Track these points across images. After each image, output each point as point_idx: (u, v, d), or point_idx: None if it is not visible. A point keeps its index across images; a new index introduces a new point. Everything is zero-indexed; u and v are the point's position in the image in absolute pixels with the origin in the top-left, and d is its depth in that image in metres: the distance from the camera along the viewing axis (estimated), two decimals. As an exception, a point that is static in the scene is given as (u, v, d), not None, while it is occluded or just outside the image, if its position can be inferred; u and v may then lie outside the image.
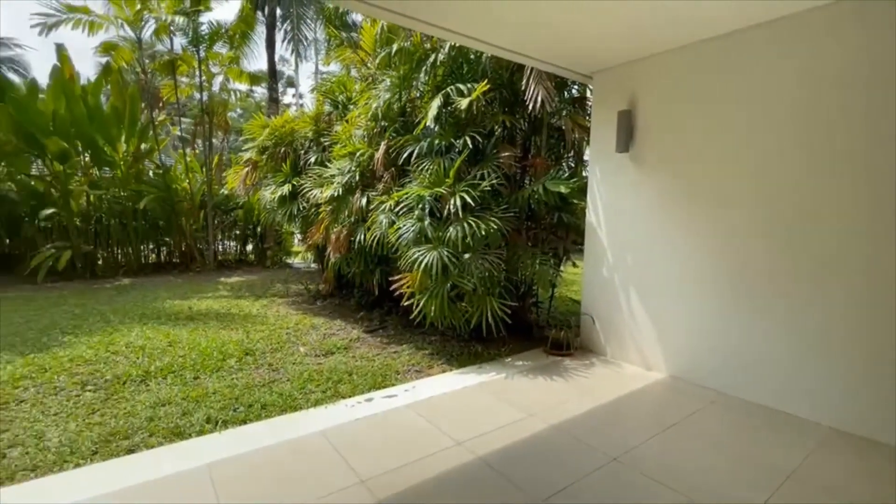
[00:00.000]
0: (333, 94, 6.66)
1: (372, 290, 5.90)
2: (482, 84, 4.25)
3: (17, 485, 2.43)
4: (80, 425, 3.07)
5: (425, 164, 4.51)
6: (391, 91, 5.09)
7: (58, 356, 4.35)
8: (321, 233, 5.73)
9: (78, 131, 8.74)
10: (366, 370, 4.12)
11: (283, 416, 3.24)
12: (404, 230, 4.28)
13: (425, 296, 4.17)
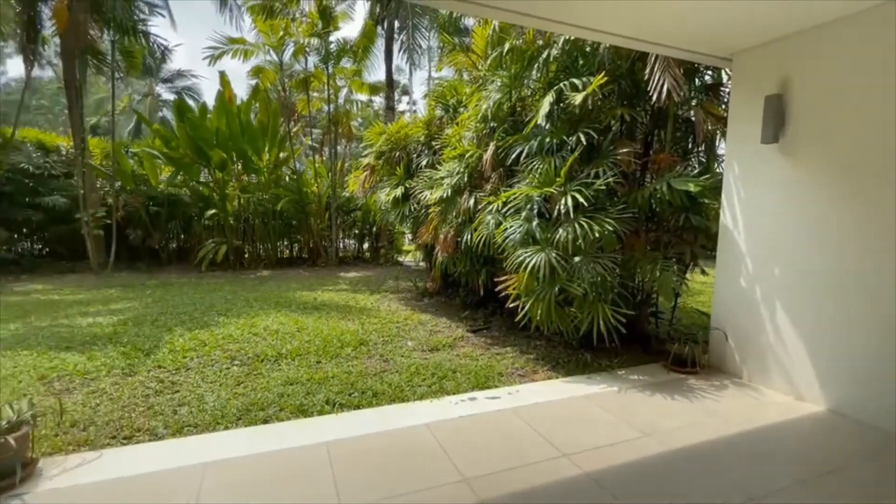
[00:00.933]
0: (445, 98, 6.86)
1: (477, 290, 5.94)
2: (599, 77, 4.00)
3: (182, 437, 2.92)
4: (228, 394, 3.59)
5: (535, 163, 4.39)
6: (501, 91, 5.06)
7: (214, 334, 5.15)
8: (430, 233, 5.93)
9: (233, 144, 10.32)
10: (469, 369, 4.15)
11: (391, 405, 3.41)
12: (511, 231, 4.21)
13: (531, 298, 4.05)
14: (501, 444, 2.83)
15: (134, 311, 6.38)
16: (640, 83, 4.30)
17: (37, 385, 3.72)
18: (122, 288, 8.34)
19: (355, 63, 12.05)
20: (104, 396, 3.51)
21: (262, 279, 9.57)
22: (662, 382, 3.85)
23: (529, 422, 3.09)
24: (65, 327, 5.44)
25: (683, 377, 3.96)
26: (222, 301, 7.05)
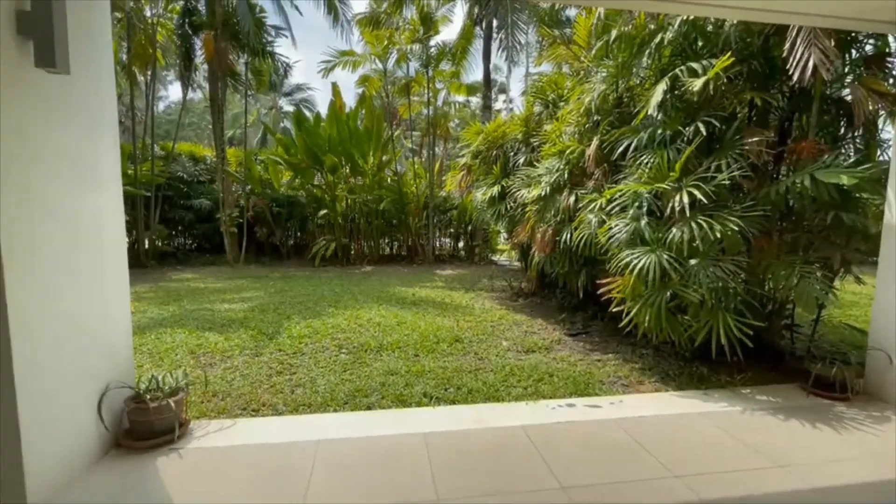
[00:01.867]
0: (544, 93, 6.68)
1: (575, 292, 5.69)
2: (723, 58, 3.56)
3: (298, 415, 3.22)
4: (336, 379, 3.89)
5: (644, 157, 4.06)
6: (606, 82, 4.77)
7: (325, 323, 5.63)
8: (526, 232, 5.82)
9: (343, 149, 11.19)
10: (567, 374, 3.99)
11: (487, 404, 3.41)
12: (616, 230, 3.95)
13: (638, 303, 3.76)
14: (603, 455, 2.67)
15: (260, 299, 7.24)
16: (775, 62, 3.75)
17: (188, 358, 4.39)
18: (250, 279, 9.51)
19: (453, 65, 12.31)
20: (237, 373, 4.02)
21: (366, 274, 10.23)
22: (800, 407, 3.31)
23: (635, 436, 2.87)
24: (208, 311, 6.35)
25: (829, 403, 3.36)
26: (331, 293, 7.68)
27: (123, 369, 2.73)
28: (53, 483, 2.13)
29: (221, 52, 10.75)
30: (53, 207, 2.15)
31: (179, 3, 12.22)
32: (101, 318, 2.53)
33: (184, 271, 10.69)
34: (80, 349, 2.35)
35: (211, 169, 13.58)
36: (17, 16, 1.93)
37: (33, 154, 2.02)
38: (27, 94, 1.99)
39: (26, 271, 1.97)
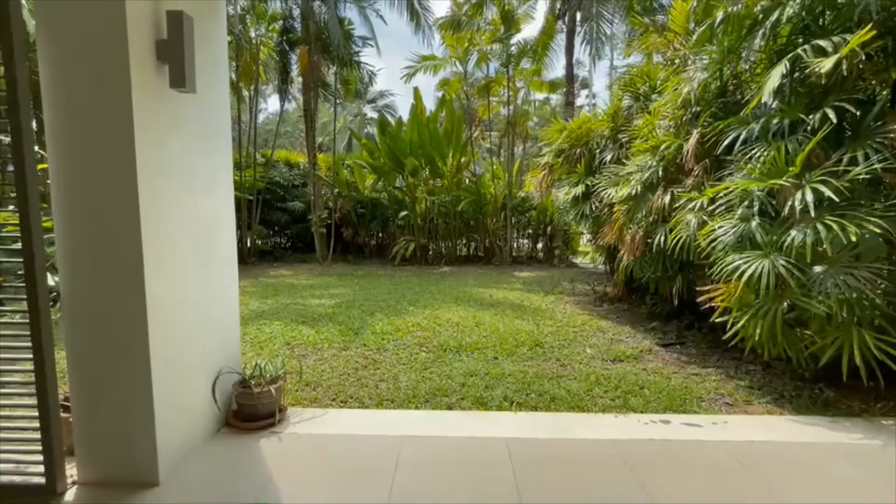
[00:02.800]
0: (634, 86, 6.27)
1: (669, 299, 5.26)
2: (861, 31, 3.06)
3: (383, 410, 3.34)
4: (417, 377, 3.97)
5: (755, 150, 3.62)
6: (709, 69, 4.34)
7: (406, 321, 5.79)
8: (614, 233, 5.50)
9: (423, 152, 11.48)
10: (660, 387, 3.69)
11: (571, 413, 3.26)
12: (721, 232, 3.57)
13: (747, 314, 3.36)
14: (705, 481, 2.41)
15: (346, 296, 7.65)
16: (932, 31, 3.15)
17: (283, 349, 4.76)
18: (337, 276, 10.12)
19: (534, 62, 12.06)
20: (326, 365, 4.27)
21: (443, 275, 10.39)
22: (965, 447, 2.74)
23: (744, 462, 2.56)
24: (301, 305, 6.85)
25: None
26: (411, 292, 7.89)
27: (232, 356, 3.02)
28: (178, 455, 2.41)
29: (314, 65, 11.57)
30: (179, 211, 2.43)
31: (278, 24, 13.37)
32: (216, 310, 2.82)
33: (279, 268, 11.67)
34: (201, 337, 2.64)
35: (304, 174, 14.68)
36: (156, 44, 2.21)
37: (163, 163, 2.30)
38: (161, 111, 2.27)
39: (160, 269, 2.25)
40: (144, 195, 2.13)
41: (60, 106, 2.09)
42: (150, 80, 2.17)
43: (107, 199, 2.12)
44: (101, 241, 2.14)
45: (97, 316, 2.18)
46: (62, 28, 2.05)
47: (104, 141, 2.09)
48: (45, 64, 2.07)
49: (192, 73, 2.28)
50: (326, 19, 11.61)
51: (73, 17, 2.04)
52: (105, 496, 2.19)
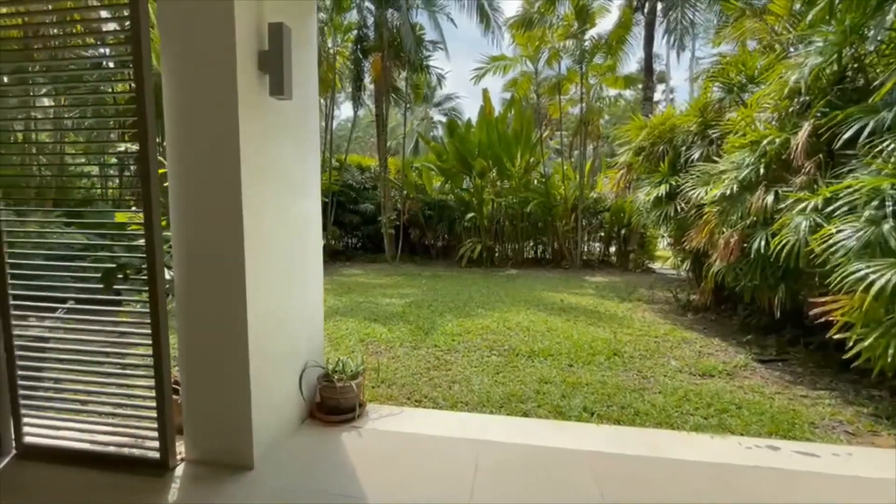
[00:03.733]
0: (726, 76, 5.74)
1: (767, 310, 4.74)
2: None
3: (457, 412, 3.31)
4: (490, 381, 3.91)
5: (887, 142, 3.15)
6: (824, 53, 3.85)
7: (475, 323, 5.75)
8: (703, 237, 5.07)
9: (492, 153, 11.41)
10: (761, 408, 3.32)
11: (659, 430, 3.03)
12: (842, 236, 3.13)
13: (875, 331, 2.92)
14: (829, 521, 2.11)
15: (415, 296, 7.78)
16: None
17: (359, 346, 4.91)
18: (406, 276, 10.33)
19: (609, 57, 11.53)
20: (399, 363, 4.35)
21: (510, 277, 10.23)
22: None
23: (877, 504, 2.21)
24: (373, 304, 7.07)
25: None
26: (479, 294, 7.85)
27: (317, 350, 3.16)
28: (270, 441, 2.55)
29: (387, 71, 11.95)
30: (276, 212, 2.57)
31: (353, 33, 13.99)
32: (304, 306, 2.96)
33: (352, 267, 12.17)
34: (291, 331, 2.78)
35: (374, 177, 15.21)
36: (259, 55, 2.36)
37: (263, 168, 2.44)
38: (261, 119, 2.42)
39: (259, 266, 2.39)
40: (247, 197, 2.28)
41: (178, 117, 2.29)
42: (252, 90, 2.32)
43: (214, 200, 2.29)
44: (208, 240, 2.32)
45: (204, 307, 2.37)
46: (179, 46, 2.25)
47: (213, 148, 2.26)
48: (167, 79, 2.28)
49: (290, 80, 2.40)
50: (399, 25, 11.94)
51: (188, 35, 2.23)
52: (208, 474, 2.37)
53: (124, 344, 2.44)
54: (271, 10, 2.44)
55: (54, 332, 2.50)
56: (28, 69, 2.45)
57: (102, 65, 2.81)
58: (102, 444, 2.46)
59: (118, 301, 2.58)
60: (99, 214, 3.27)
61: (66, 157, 4.05)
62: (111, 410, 2.46)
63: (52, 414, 2.51)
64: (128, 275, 2.29)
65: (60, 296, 2.47)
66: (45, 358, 2.48)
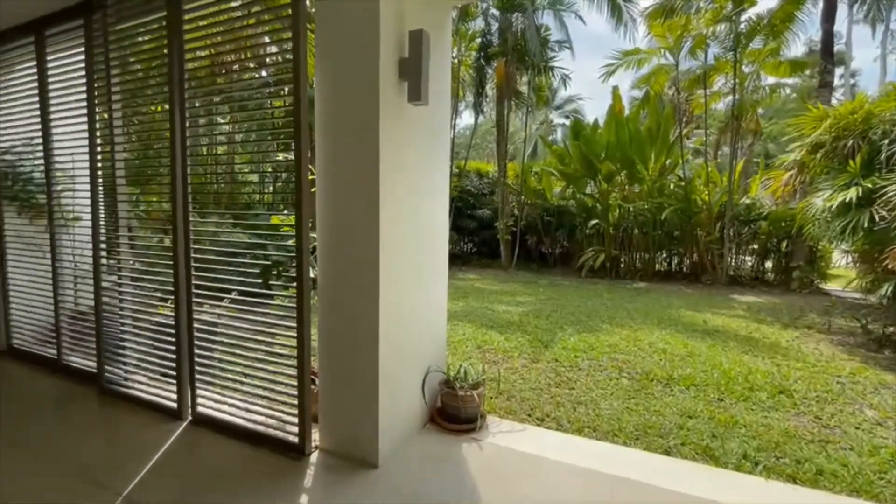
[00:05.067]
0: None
1: None
2: None
3: (583, 437, 3.01)
4: (620, 406, 3.50)
5: None
6: None
7: (600, 340, 5.29)
8: (916, 254, 3.93)
9: (621, 154, 10.56)
10: None
11: (855, 500, 2.37)
12: None
13: None
14: None
15: (531, 305, 7.51)
16: None
17: (475, 352, 4.85)
18: (522, 284, 10.08)
19: (770, 40, 9.83)
20: (517, 375, 4.16)
21: (639, 291, 9.31)
22: None
23: None
24: (489, 310, 6.98)
25: None
26: (603, 308, 7.26)
27: (439, 355, 3.15)
28: (394, 441, 2.58)
29: (510, 76, 11.86)
30: (409, 216, 2.61)
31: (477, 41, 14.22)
32: (430, 308, 2.96)
33: (467, 272, 12.30)
34: (417, 333, 2.80)
35: (492, 182, 15.23)
36: (399, 63, 2.41)
37: (399, 172, 2.49)
38: (399, 125, 2.47)
39: (391, 267, 2.44)
40: (384, 201, 2.33)
41: (326, 127, 2.45)
42: (392, 97, 2.38)
43: (354, 203, 2.39)
44: (347, 240, 2.44)
45: (341, 304, 2.49)
46: (330, 61, 2.40)
47: (355, 154, 2.37)
48: (319, 94, 2.46)
49: (427, 87, 2.41)
50: (524, 29, 11.78)
51: (338, 51, 2.37)
52: (337, 465, 2.48)
53: (273, 334, 2.69)
54: (411, 20, 2.48)
55: (221, 318, 2.87)
56: (213, 95, 2.86)
57: (267, 86, 3.20)
58: (253, 422, 2.74)
59: (271, 294, 2.87)
60: (257, 217, 3.71)
61: (236, 168, 4.77)
62: (261, 392, 2.73)
63: (217, 390, 2.88)
64: (280, 272, 2.51)
65: (226, 287, 2.83)
66: (214, 340, 2.85)
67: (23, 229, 3.92)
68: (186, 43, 2.73)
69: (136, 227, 3.91)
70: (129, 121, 3.14)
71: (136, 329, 3.21)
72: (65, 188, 3.61)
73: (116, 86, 3.08)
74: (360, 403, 2.46)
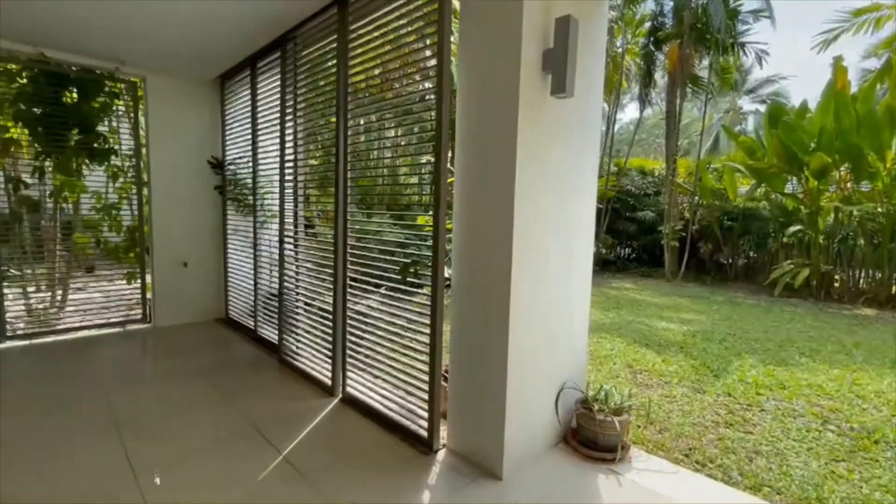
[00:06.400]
0: None
1: None
2: None
3: (761, 499, 2.39)
4: (822, 468, 2.70)
5: None
6: None
7: (795, 377, 4.21)
8: None
9: (841, 143, 8.26)
10: None
11: None
12: None
13: None
14: None
15: (701, 324, 6.42)
16: None
17: (625, 371, 4.34)
18: (690, 298, 8.73)
19: None
20: (675, 405, 3.56)
21: (863, 319, 7.17)
22: None
23: None
24: (644, 325, 6.21)
25: None
26: (803, 337, 5.79)
27: (577, 370, 2.87)
28: (520, 456, 2.44)
29: (684, 60, 10.38)
30: (547, 216, 2.43)
31: (646, 25, 12.84)
32: (566, 318, 2.72)
33: (622, 280, 11.23)
34: (551, 343, 2.60)
35: (658, 181, 13.60)
36: (544, 54, 2.25)
37: (538, 170, 2.33)
38: (539, 120, 2.30)
39: (525, 270, 2.31)
40: (519, 200, 2.21)
41: (466, 127, 2.44)
42: (533, 90, 2.23)
43: (488, 203, 2.32)
44: (481, 240, 2.38)
45: (472, 305, 2.45)
46: (472, 51, 2.38)
47: (492, 152, 2.30)
48: (460, 93, 2.46)
49: (573, 77, 2.20)
50: (706, 2, 10.15)
51: (480, 47, 2.33)
52: (462, 469, 2.45)
53: (411, 329, 2.80)
54: (559, 7, 2.29)
55: (370, 309, 3.12)
56: (370, 103, 3.12)
57: (425, 97, 3.35)
58: (389, 409, 2.91)
59: (416, 291, 3.01)
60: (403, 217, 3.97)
61: (386, 170, 5.23)
62: (397, 383, 2.88)
63: (363, 374, 3.15)
64: (417, 270, 2.60)
65: (376, 281, 3.07)
66: (364, 329, 3.12)
67: (238, 225, 4.94)
68: (350, 60, 3.04)
69: (317, 224, 4.57)
70: (310, 132, 3.66)
71: (306, 311, 3.74)
72: (266, 191, 4.42)
73: (301, 102, 3.62)
74: (488, 409, 2.39)
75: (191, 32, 3.66)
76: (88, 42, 3.94)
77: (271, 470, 2.41)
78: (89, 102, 4.42)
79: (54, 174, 4.39)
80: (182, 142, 4.97)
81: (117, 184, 4.77)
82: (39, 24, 3.57)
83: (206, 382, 3.57)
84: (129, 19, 3.44)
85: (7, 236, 4.27)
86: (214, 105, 5.12)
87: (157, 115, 4.78)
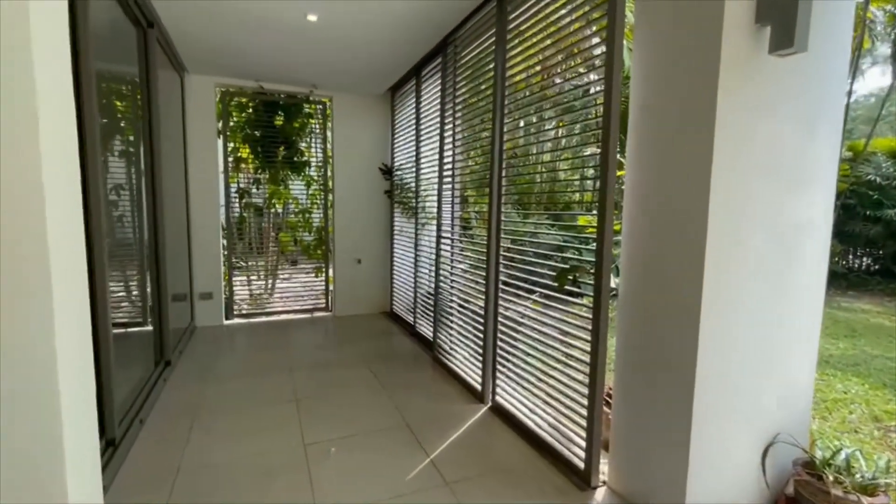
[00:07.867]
0: None
1: None
2: None
3: None
4: None
5: None
6: None
7: None
8: None
9: None
10: None
11: None
12: None
13: None
14: None
15: None
16: None
17: (869, 426, 3.19)
18: (980, 330, 6.13)
19: None
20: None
21: None
22: None
23: None
24: None
25: None
26: None
27: (796, 420, 2.15)
28: (707, 520, 1.91)
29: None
30: (757, 212, 1.85)
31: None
32: (782, 346, 2.05)
33: (857, 299, 8.59)
34: (757, 379, 1.99)
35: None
36: (757, 4, 1.70)
37: (745, 153, 1.78)
38: (750, 86, 1.75)
39: (723, 284, 1.80)
40: (716, 196, 1.72)
41: (642, 108, 2.03)
42: (740, 49, 1.71)
43: (672, 199, 1.88)
44: (660, 247, 1.94)
45: (646, 323, 2.02)
46: (652, 16, 1.95)
47: (677, 132, 1.85)
48: (636, 72, 2.06)
49: (807, 24, 1.60)
50: None
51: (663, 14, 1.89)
52: (627, 518, 2.05)
53: (567, 343, 2.49)
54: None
55: (523, 317, 2.90)
56: (528, 97, 2.90)
57: (589, 90, 2.98)
58: (540, 427, 2.64)
59: (573, 301, 2.68)
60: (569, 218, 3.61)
61: (544, 168, 4.93)
62: (550, 401, 2.59)
63: (513, 384, 2.95)
64: (576, 277, 2.28)
65: (529, 287, 2.83)
66: (515, 337, 2.91)
67: (403, 227, 5.27)
68: (508, 53, 2.87)
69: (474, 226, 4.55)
70: (467, 132, 3.64)
71: (460, 313, 3.72)
72: (427, 193, 4.60)
73: (460, 104, 3.62)
74: (664, 451, 1.94)
75: (365, 52, 4.02)
76: (291, 72, 4.69)
77: (418, 472, 2.40)
78: (292, 123, 5.31)
79: (268, 184, 5.41)
80: (359, 151, 5.56)
81: (310, 191, 5.62)
82: (259, 62, 4.38)
83: (369, 371, 3.85)
84: (319, 49, 3.95)
85: (241, 235, 5.41)
86: (386, 116, 5.60)
87: (340, 128, 5.45)
